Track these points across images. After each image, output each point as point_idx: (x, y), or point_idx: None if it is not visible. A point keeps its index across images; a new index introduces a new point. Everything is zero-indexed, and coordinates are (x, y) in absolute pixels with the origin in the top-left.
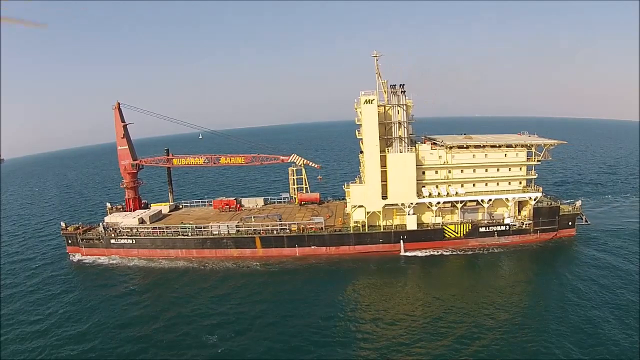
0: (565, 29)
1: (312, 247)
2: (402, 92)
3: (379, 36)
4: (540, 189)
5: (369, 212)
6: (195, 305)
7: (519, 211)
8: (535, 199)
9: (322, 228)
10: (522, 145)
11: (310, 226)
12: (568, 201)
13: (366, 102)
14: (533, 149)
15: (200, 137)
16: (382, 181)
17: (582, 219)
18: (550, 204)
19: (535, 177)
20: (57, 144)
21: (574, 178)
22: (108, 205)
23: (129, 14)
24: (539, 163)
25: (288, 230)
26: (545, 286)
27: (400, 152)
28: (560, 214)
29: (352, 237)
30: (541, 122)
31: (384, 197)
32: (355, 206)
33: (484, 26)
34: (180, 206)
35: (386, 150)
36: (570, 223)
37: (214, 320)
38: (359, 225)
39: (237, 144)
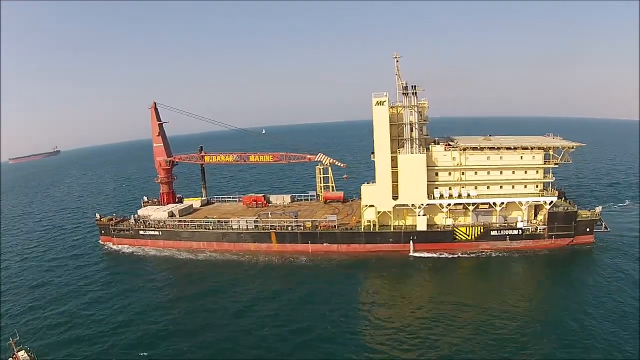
0: (565, 28)
1: (324, 244)
2: (413, 93)
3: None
4: (557, 192)
5: (380, 211)
6: (213, 293)
7: (535, 215)
8: (550, 203)
9: (334, 226)
10: (539, 148)
11: (324, 224)
12: (587, 206)
13: (377, 103)
14: (551, 152)
15: (264, 132)
16: (393, 182)
17: (601, 225)
18: (567, 209)
19: (552, 180)
20: (112, 137)
21: (595, 182)
22: (144, 198)
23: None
24: (557, 166)
25: (302, 227)
26: (557, 295)
27: (412, 153)
28: (577, 219)
29: (363, 235)
30: (570, 123)
31: (395, 197)
32: (366, 205)
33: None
34: (213, 201)
35: (398, 151)
36: (588, 229)
37: (236, 306)
38: (370, 224)
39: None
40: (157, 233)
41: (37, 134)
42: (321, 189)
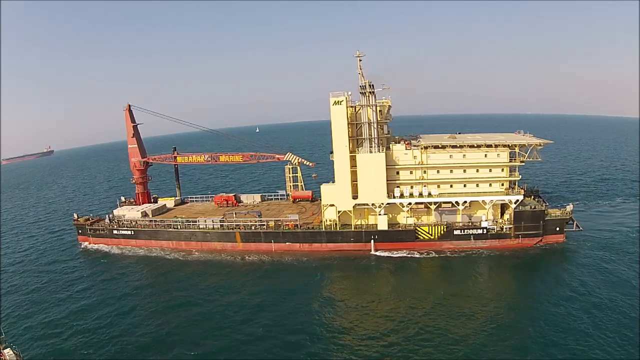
0: (565, 27)
1: (287, 243)
2: (370, 92)
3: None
4: (523, 191)
5: (340, 211)
6: (178, 292)
7: (502, 214)
8: (516, 202)
9: (296, 225)
10: (504, 146)
11: (286, 223)
12: (562, 204)
13: (335, 103)
14: (517, 149)
15: (257, 130)
16: (353, 181)
17: (572, 224)
18: (534, 208)
19: (518, 178)
20: (106, 137)
21: (573, 179)
22: (122, 198)
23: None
24: (523, 164)
25: (265, 227)
26: (521, 296)
27: (370, 152)
28: (546, 218)
29: (324, 235)
30: (542, 120)
31: (355, 197)
32: (326, 205)
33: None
34: (187, 201)
35: (357, 151)
36: (558, 228)
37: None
38: (331, 223)
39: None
40: (130, 233)
41: (29, 133)
42: (290, 188)
